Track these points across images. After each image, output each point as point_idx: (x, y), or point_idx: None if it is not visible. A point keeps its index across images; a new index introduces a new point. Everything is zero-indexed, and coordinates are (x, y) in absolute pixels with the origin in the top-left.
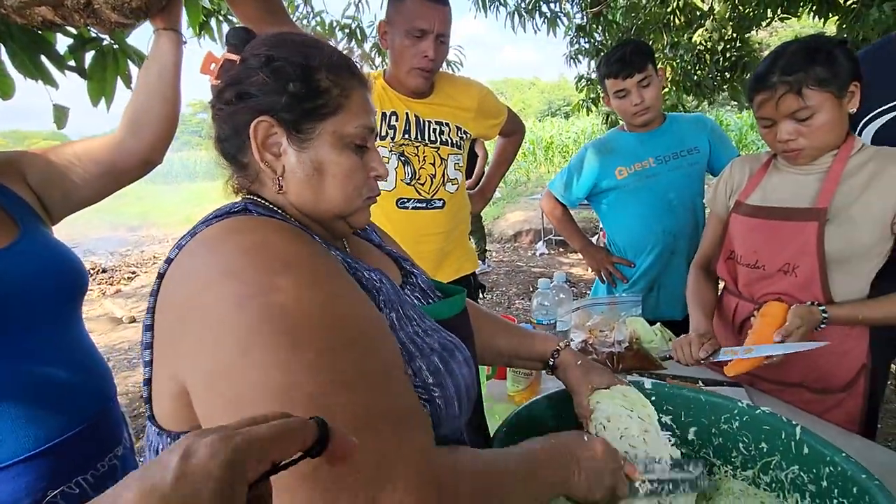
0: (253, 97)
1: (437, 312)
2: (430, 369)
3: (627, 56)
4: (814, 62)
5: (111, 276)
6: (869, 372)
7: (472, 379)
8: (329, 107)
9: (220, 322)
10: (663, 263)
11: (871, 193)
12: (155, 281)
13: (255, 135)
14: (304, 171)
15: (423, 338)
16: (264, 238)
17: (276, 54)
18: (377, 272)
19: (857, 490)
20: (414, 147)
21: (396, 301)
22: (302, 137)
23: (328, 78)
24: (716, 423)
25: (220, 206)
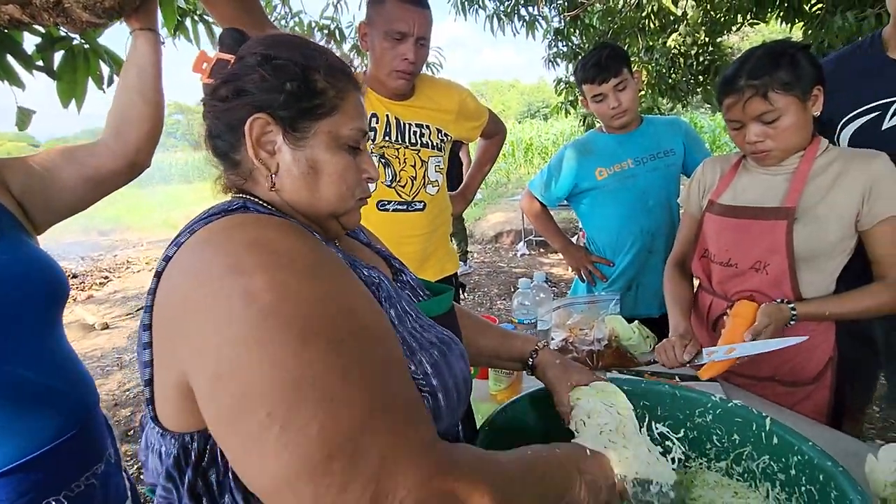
0: (250, 94)
1: (428, 309)
2: (431, 362)
3: (603, 61)
4: (778, 66)
5: (82, 281)
6: (835, 364)
7: (468, 372)
8: (325, 107)
9: (227, 317)
10: (641, 262)
11: (836, 193)
12: (152, 279)
13: (250, 132)
14: (300, 170)
15: (421, 332)
16: (267, 234)
17: (274, 53)
18: (374, 269)
19: (823, 477)
20: (394, 149)
21: (395, 297)
22: (298, 136)
23: (325, 79)
24: (690, 416)
25: (215, 204)
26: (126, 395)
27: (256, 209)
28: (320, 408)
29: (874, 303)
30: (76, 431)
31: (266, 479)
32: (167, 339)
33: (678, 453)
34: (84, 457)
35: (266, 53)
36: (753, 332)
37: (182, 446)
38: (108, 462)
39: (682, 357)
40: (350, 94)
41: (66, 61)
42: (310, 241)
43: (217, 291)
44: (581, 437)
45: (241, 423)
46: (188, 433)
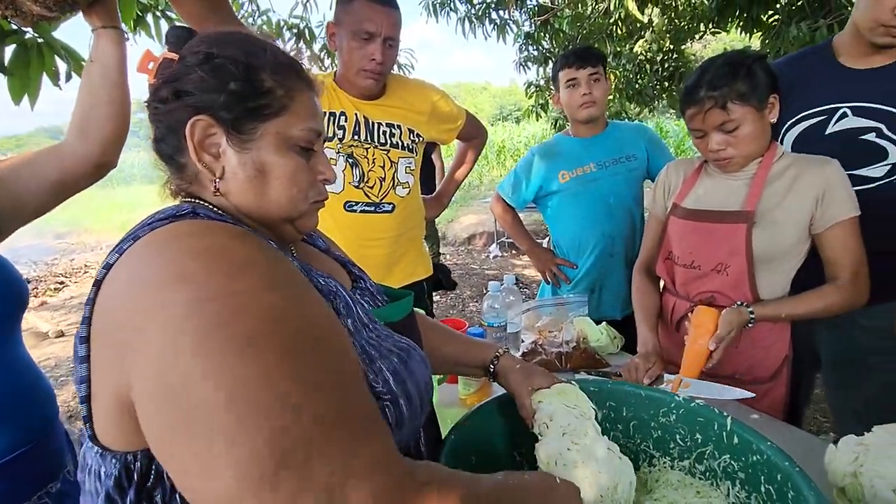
0: (190, 95)
1: (386, 316)
2: (391, 370)
3: (584, 51)
4: (736, 77)
5: (35, 287)
6: (791, 363)
7: (429, 378)
8: (273, 107)
9: (172, 329)
10: (603, 265)
11: (792, 198)
12: (91, 288)
13: (191, 134)
14: (246, 173)
15: (379, 341)
16: (217, 241)
17: (216, 52)
18: (330, 278)
19: (780, 476)
20: (363, 149)
21: (352, 306)
22: (243, 138)
23: (272, 78)
24: (654, 416)
25: (162, 209)
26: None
27: (207, 214)
28: (268, 422)
29: (825, 304)
30: (30, 447)
31: (213, 497)
32: (107, 352)
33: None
34: (38, 474)
35: (208, 52)
36: (717, 340)
37: (124, 466)
38: (65, 480)
39: (644, 381)
40: (301, 93)
41: (18, 56)
42: (266, 250)
43: (162, 302)
44: (545, 440)
45: (185, 439)
46: (130, 452)
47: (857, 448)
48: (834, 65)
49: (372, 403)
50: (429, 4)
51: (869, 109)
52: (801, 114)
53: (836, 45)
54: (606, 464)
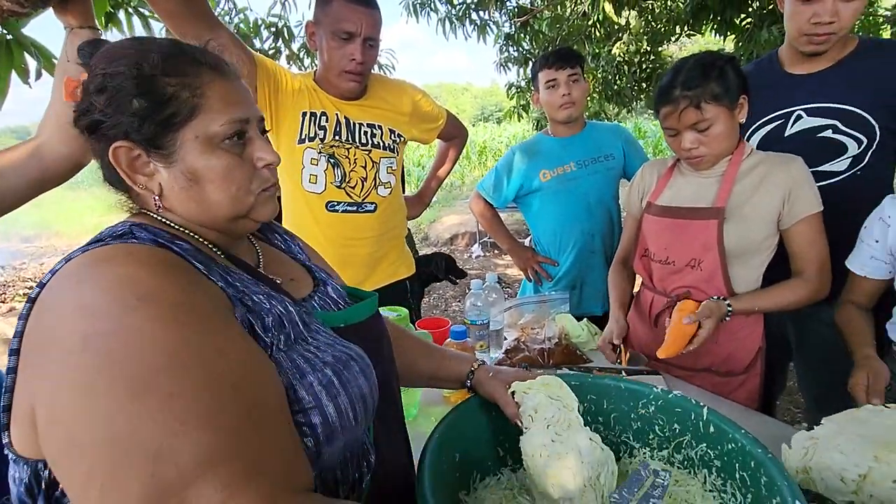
0: (101, 123)
1: (344, 318)
2: (323, 383)
3: (563, 52)
4: (709, 78)
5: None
6: (764, 354)
7: (371, 387)
8: (182, 113)
9: (65, 361)
10: (583, 262)
11: (761, 194)
12: (25, 304)
13: (117, 162)
14: (180, 185)
15: (316, 353)
16: (127, 271)
17: (110, 72)
18: (270, 293)
19: (754, 464)
20: (344, 149)
21: (289, 322)
22: (164, 153)
23: (171, 82)
24: (634, 408)
25: (104, 229)
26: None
27: (146, 233)
28: (143, 466)
29: (796, 297)
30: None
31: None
32: (26, 367)
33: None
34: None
35: (103, 74)
36: (694, 317)
37: (34, 472)
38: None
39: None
40: (211, 84)
41: None
42: (177, 280)
43: (63, 331)
44: (529, 434)
45: (67, 472)
46: (40, 460)
47: (807, 443)
48: (781, 74)
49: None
50: (409, 4)
51: (821, 109)
52: (760, 119)
53: (780, 55)
54: (589, 454)
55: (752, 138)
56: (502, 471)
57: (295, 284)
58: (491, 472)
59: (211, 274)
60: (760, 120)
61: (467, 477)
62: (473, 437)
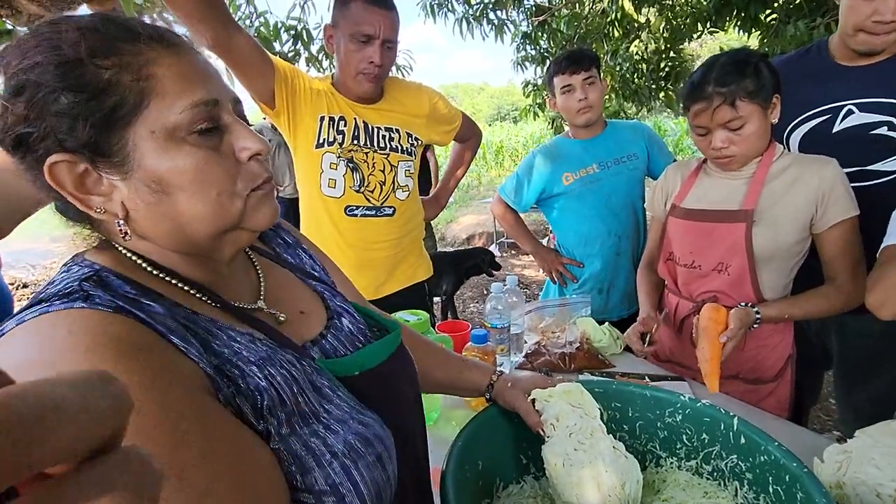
0: (29, 137)
1: (362, 362)
2: (329, 482)
3: (576, 55)
4: (744, 75)
5: (33, 290)
6: (794, 362)
7: (388, 476)
8: (126, 105)
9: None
10: (610, 264)
11: (792, 197)
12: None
13: (58, 183)
14: (144, 200)
15: (324, 438)
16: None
17: (24, 66)
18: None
19: (789, 478)
20: (363, 153)
21: (292, 396)
22: (115, 161)
23: (107, 64)
24: (661, 416)
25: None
26: None
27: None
28: None
29: (827, 305)
30: None
31: None
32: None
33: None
34: None
35: (17, 70)
36: (730, 334)
37: None
38: None
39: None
40: (161, 62)
41: None
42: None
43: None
44: (551, 442)
45: None
46: None
47: (840, 457)
48: (831, 65)
49: None
50: (426, 5)
51: (876, 104)
52: (804, 114)
53: (830, 45)
54: (613, 463)
55: (794, 133)
56: (525, 479)
57: (305, 319)
58: (514, 480)
59: (189, 347)
60: (806, 113)
61: (490, 485)
62: (496, 444)
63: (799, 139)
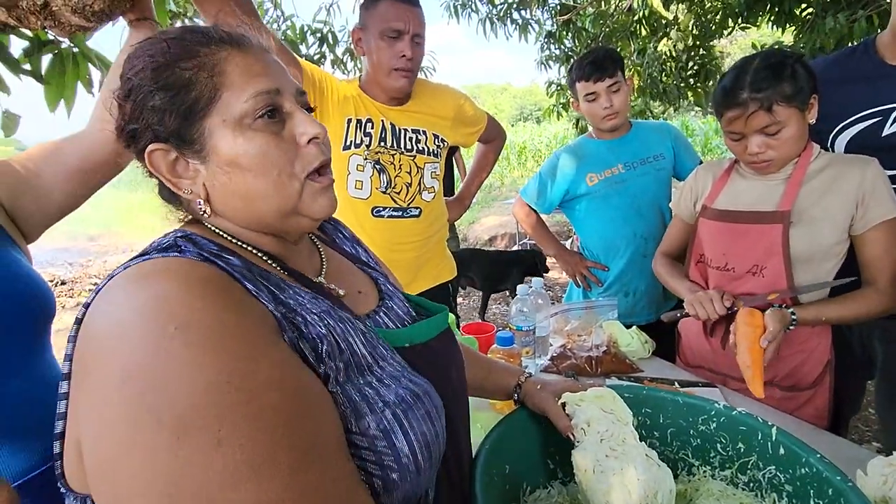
0: (133, 132)
1: (411, 336)
2: (381, 427)
3: (599, 60)
4: (781, 79)
5: (71, 287)
6: (833, 368)
7: (438, 431)
8: (203, 98)
9: (106, 394)
10: (636, 266)
11: (831, 197)
12: (73, 325)
13: (155, 168)
14: (220, 181)
15: (377, 389)
16: (165, 291)
17: (130, 74)
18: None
19: (832, 492)
20: (389, 155)
21: (349, 348)
22: (197, 147)
23: (187, 66)
24: (693, 424)
25: (152, 242)
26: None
27: (190, 248)
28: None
29: (866, 309)
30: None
31: None
32: (73, 394)
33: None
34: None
35: (127, 78)
36: (771, 337)
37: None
38: None
39: (722, 307)
40: (227, 60)
41: (54, 65)
42: (225, 299)
43: (102, 360)
44: (582, 447)
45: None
46: (90, 496)
47: (886, 470)
48: (880, 64)
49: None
50: (450, 6)
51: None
52: (851, 117)
53: (878, 44)
54: (645, 471)
55: (840, 136)
56: (553, 484)
57: (362, 297)
58: (541, 485)
59: (260, 293)
60: (852, 117)
61: (517, 489)
62: (523, 448)
63: (846, 142)
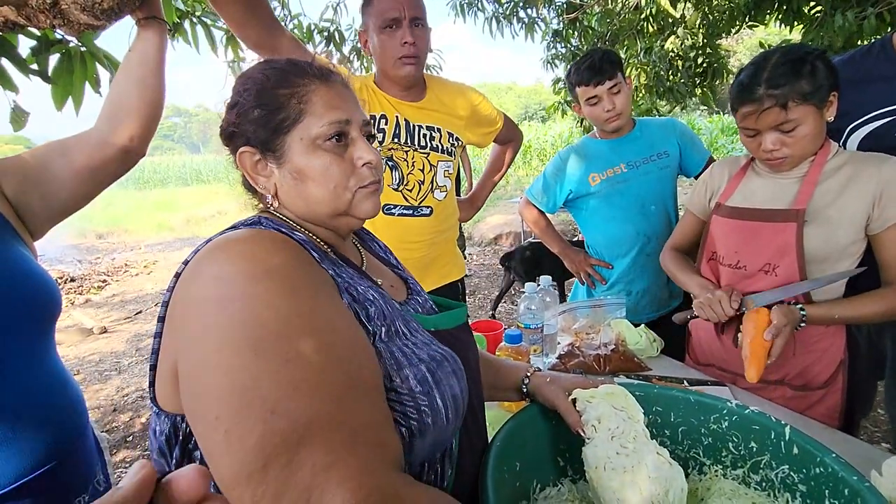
0: (234, 135)
1: (437, 323)
2: (418, 378)
3: (597, 63)
4: (799, 76)
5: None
6: (846, 368)
7: (461, 389)
8: (290, 119)
9: (203, 322)
10: (639, 265)
11: (847, 196)
12: (172, 279)
13: (243, 165)
14: (288, 183)
15: (413, 349)
16: (254, 248)
17: (240, 90)
18: (374, 289)
19: (848, 492)
20: (403, 152)
21: (390, 316)
22: (276, 154)
23: (283, 92)
24: (705, 422)
25: (238, 221)
26: (125, 401)
27: (270, 223)
28: (262, 418)
29: (881, 308)
30: (56, 462)
31: (216, 476)
32: (171, 331)
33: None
34: (65, 489)
35: (237, 92)
36: (774, 332)
37: (173, 425)
38: (94, 492)
39: (731, 308)
40: (315, 91)
41: (62, 64)
42: (296, 259)
43: (201, 296)
44: (592, 443)
45: (198, 420)
46: (179, 414)
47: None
48: (894, 62)
49: (378, 412)
50: (456, 4)
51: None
52: (865, 116)
53: (895, 43)
54: (656, 469)
55: (853, 135)
56: (563, 481)
57: (393, 290)
58: (551, 482)
59: (323, 263)
60: (866, 115)
61: (527, 486)
62: (534, 445)
63: (858, 141)
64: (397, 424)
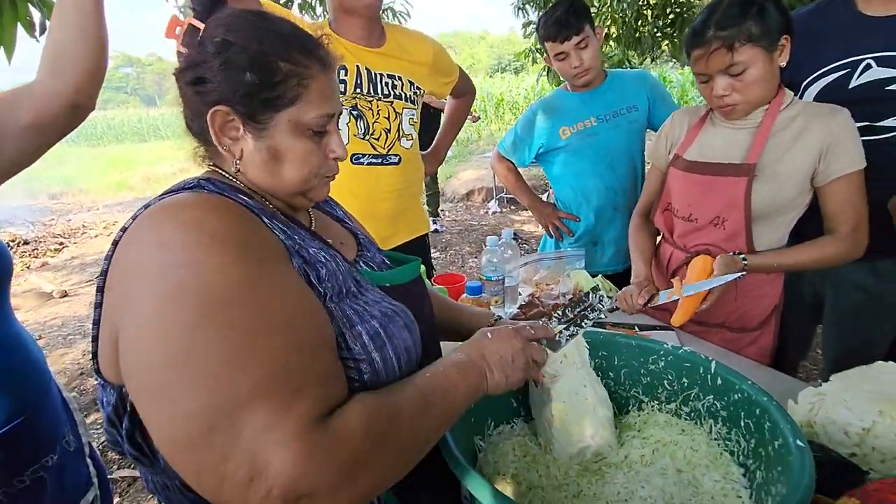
0: (210, 83)
1: (391, 278)
2: (371, 334)
3: (563, 17)
4: (746, 16)
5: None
6: (780, 312)
7: (414, 341)
8: (286, 97)
9: (145, 288)
10: (606, 218)
11: (797, 150)
12: (110, 247)
13: (212, 122)
14: (261, 157)
15: (364, 307)
16: (201, 215)
17: (232, 39)
18: (326, 250)
19: (759, 411)
20: (366, 101)
21: (340, 277)
22: (259, 127)
23: (286, 66)
24: (644, 364)
25: (178, 182)
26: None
27: (215, 186)
28: (204, 384)
29: (819, 255)
30: (20, 421)
31: (159, 442)
32: (111, 301)
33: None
34: (32, 448)
35: (225, 39)
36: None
37: (119, 396)
38: (63, 451)
39: (639, 301)
40: (315, 77)
41: None
42: (243, 226)
43: (143, 264)
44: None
45: (140, 388)
46: (124, 385)
47: (814, 399)
48: (854, 14)
49: (324, 368)
50: None
51: (894, 58)
52: (822, 69)
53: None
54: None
55: (809, 89)
56: (515, 420)
57: (343, 247)
58: (505, 420)
59: (272, 226)
60: (824, 68)
61: (482, 424)
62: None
63: (814, 95)
64: (351, 381)
